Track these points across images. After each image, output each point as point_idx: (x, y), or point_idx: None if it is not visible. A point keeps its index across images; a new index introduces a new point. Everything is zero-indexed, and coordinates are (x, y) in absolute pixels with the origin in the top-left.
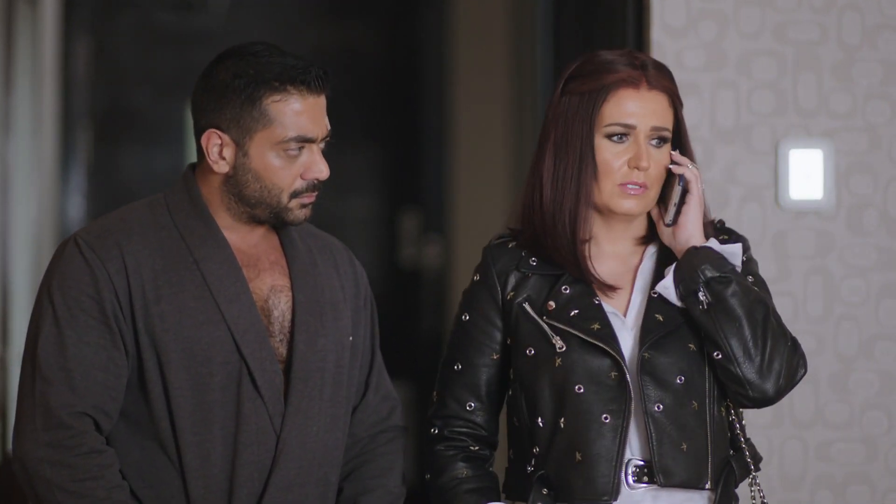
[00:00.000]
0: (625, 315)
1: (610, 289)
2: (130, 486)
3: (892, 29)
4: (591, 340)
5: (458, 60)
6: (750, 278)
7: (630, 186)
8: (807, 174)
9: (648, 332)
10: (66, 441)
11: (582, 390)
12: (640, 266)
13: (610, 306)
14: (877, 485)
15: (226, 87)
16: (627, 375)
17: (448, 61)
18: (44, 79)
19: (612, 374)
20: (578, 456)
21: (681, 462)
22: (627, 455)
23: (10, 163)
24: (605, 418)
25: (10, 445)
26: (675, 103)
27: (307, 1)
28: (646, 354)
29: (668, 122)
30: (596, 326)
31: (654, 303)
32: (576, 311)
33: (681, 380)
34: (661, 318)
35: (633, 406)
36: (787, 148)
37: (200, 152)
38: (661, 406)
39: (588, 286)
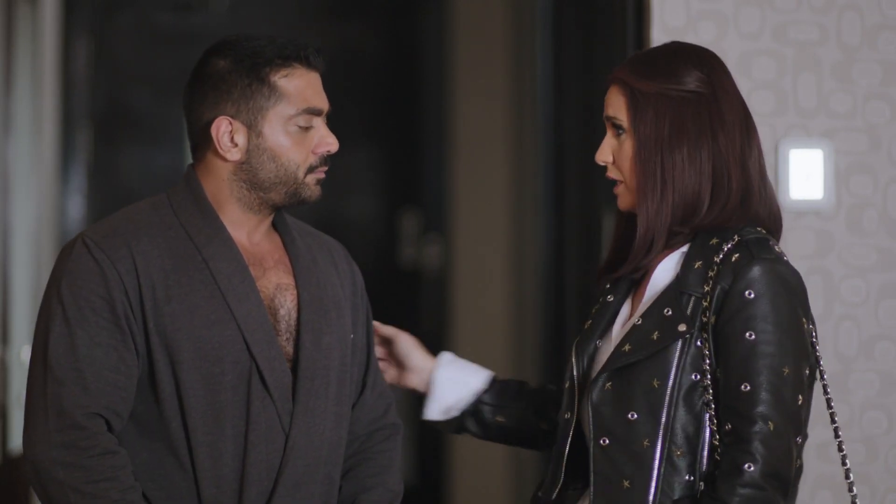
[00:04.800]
0: (626, 319)
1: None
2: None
3: (892, 29)
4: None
5: (457, 60)
6: (750, 335)
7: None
8: (807, 174)
9: (613, 359)
10: (80, 442)
11: (567, 385)
12: (656, 269)
13: (621, 307)
14: (877, 485)
15: (228, 73)
16: (575, 381)
17: (448, 61)
18: (44, 79)
19: (574, 371)
20: (554, 447)
21: (620, 500)
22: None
23: (10, 163)
24: (567, 415)
25: (9, 445)
26: (627, 92)
27: (307, 1)
28: (607, 385)
29: (617, 112)
30: (588, 325)
31: (635, 328)
32: (595, 308)
33: (633, 416)
34: (629, 348)
35: (583, 408)
36: (787, 148)
37: (199, 150)
38: (607, 440)
39: (623, 282)
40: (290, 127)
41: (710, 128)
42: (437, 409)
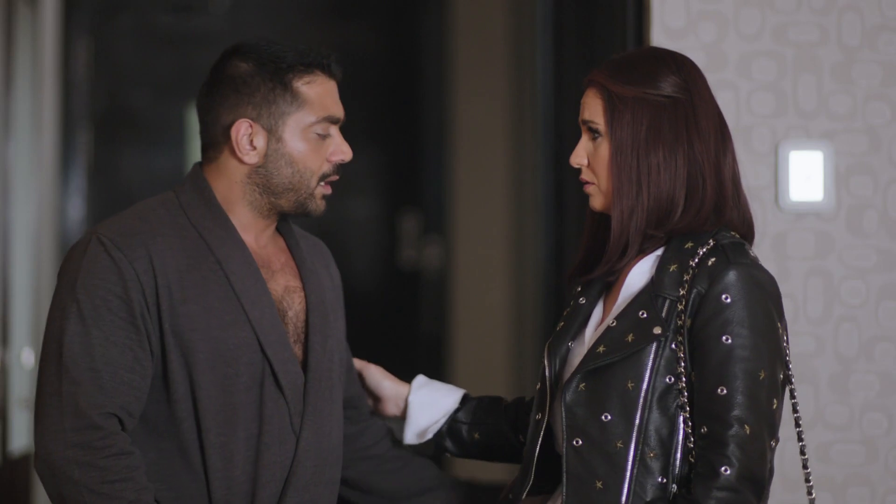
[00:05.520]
0: (600, 322)
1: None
2: None
3: (892, 30)
4: (548, 342)
5: (458, 61)
6: (727, 339)
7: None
8: (807, 175)
9: (587, 360)
10: (96, 442)
11: (539, 386)
12: (630, 272)
13: (593, 309)
14: (877, 486)
15: (250, 77)
16: (547, 382)
17: (448, 62)
18: (44, 80)
19: (546, 371)
20: (524, 448)
21: (593, 501)
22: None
23: (10, 164)
24: (538, 416)
25: (9, 447)
26: (604, 95)
27: (307, 2)
28: (581, 386)
29: (593, 116)
30: (560, 326)
31: (609, 330)
32: (567, 310)
33: (606, 417)
34: (603, 349)
35: (556, 409)
36: (787, 149)
37: (213, 151)
38: (580, 441)
39: (596, 284)
40: (309, 134)
41: (686, 133)
42: (412, 433)
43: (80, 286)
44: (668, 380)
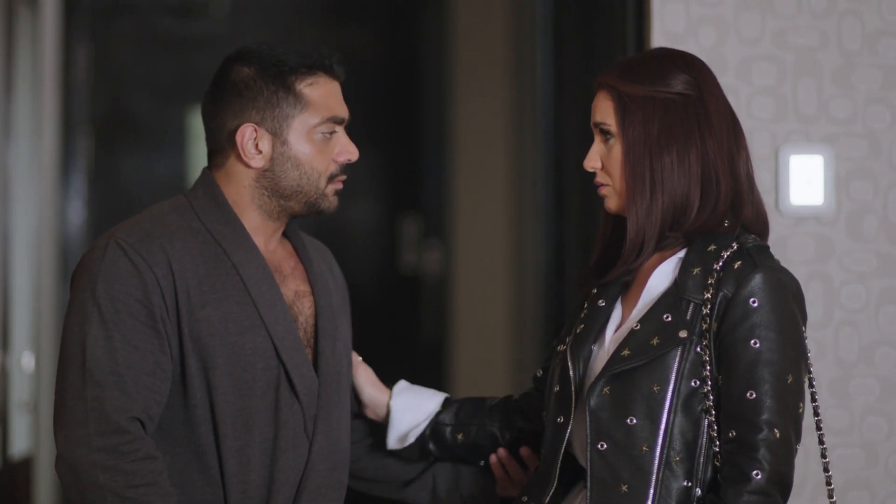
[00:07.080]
0: (619, 325)
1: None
2: None
3: (892, 34)
4: (563, 347)
5: (458, 64)
6: (756, 343)
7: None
8: (807, 180)
9: (611, 364)
10: (122, 446)
11: (558, 389)
12: (653, 275)
13: (615, 312)
14: (877, 490)
15: (253, 81)
16: (571, 384)
17: (448, 65)
18: (44, 84)
19: (570, 374)
20: (543, 452)
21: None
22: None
23: (11, 168)
24: (560, 419)
25: (10, 450)
26: (614, 96)
27: (307, 5)
28: (605, 389)
29: (605, 117)
30: (581, 328)
31: (634, 333)
32: (585, 312)
33: (632, 421)
34: (628, 353)
35: (578, 412)
36: (787, 154)
37: (220, 156)
38: (605, 445)
39: (613, 286)
40: (315, 135)
41: (697, 130)
42: (394, 438)
43: (100, 290)
44: (693, 383)
